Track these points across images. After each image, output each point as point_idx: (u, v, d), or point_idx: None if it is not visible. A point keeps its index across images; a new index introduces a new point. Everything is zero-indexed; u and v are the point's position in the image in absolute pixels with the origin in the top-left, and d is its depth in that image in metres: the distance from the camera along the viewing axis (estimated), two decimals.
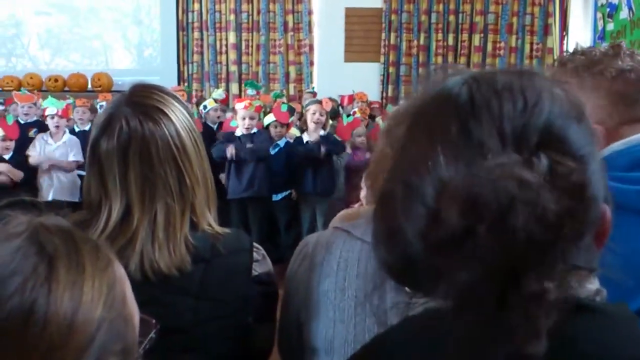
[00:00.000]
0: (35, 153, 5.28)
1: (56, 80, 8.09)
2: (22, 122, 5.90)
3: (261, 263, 1.32)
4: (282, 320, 1.32)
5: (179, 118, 1.22)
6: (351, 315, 1.12)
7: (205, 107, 6.49)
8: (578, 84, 1.29)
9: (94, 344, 0.62)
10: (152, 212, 1.17)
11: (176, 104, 1.25)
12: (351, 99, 7.35)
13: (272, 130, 5.46)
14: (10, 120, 5.16)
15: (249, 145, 5.02)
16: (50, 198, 5.29)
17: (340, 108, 7.26)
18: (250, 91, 7.23)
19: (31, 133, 5.65)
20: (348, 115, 6.04)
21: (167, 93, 1.27)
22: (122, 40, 9.04)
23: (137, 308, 0.73)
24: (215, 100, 6.63)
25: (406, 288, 0.67)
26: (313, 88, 8.05)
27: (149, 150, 1.17)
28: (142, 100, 1.23)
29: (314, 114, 5.29)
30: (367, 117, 6.47)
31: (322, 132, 5.29)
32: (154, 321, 0.78)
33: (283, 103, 5.77)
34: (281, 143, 5.43)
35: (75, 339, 0.61)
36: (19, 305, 0.60)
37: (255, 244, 1.32)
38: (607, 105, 1.28)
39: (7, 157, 5.04)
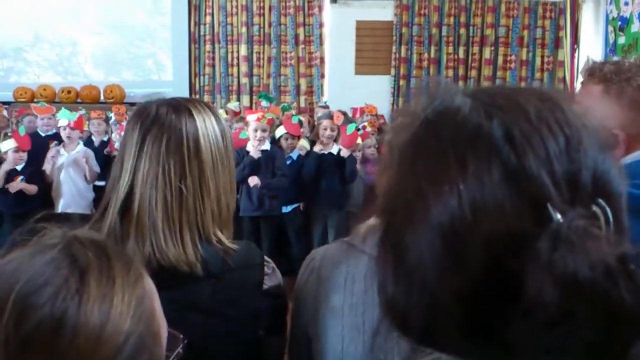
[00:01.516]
0: (49, 166, 5.31)
1: (69, 92, 8.16)
2: (42, 134, 5.97)
3: (271, 276, 1.31)
4: (291, 335, 1.32)
5: (206, 127, 1.23)
6: (360, 331, 1.11)
7: None
8: (604, 90, 1.32)
9: (121, 356, 0.63)
10: (152, 199, 1.17)
11: (210, 115, 1.26)
12: (362, 111, 7.35)
13: (283, 142, 5.46)
14: (22, 132, 5.20)
15: (270, 182, 5.01)
16: (62, 210, 5.28)
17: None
18: (264, 103, 7.25)
19: (52, 145, 5.69)
20: (357, 128, 6.05)
21: (207, 105, 1.30)
22: (134, 52, 9.11)
23: (165, 322, 0.74)
24: (227, 112, 6.65)
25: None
26: (325, 102, 8.07)
27: (162, 138, 1.19)
28: (179, 99, 1.28)
29: (325, 129, 5.33)
30: (376, 130, 6.48)
31: (335, 147, 5.30)
32: (181, 336, 0.79)
33: (293, 115, 5.79)
34: (294, 155, 5.44)
35: (102, 351, 0.62)
36: (50, 315, 0.61)
37: (265, 257, 1.32)
38: (630, 112, 1.30)
39: (19, 167, 5.07)
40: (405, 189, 0.58)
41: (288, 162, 5.37)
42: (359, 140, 5.50)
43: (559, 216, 0.50)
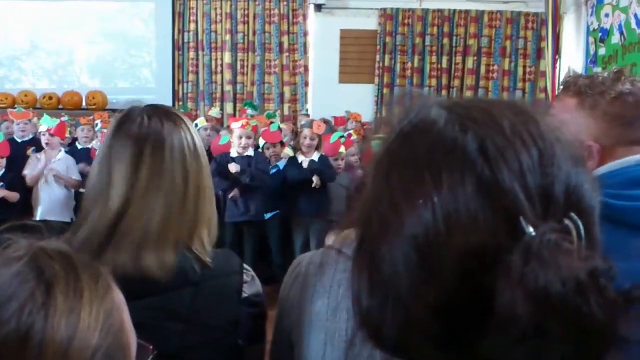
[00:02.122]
0: (29, 171, 5.25)
1: (50, 98, 8.09)
2: (19, 140, 5.89)
3: (250, 284, 1.30)
4: (274, 340, 1.31)
5: (194, 131, 1.27)
6: (342, 338, 1.10)
7: (196, 125, 6.50)
8: (578, 103, 1.34)
9: None
10: (152, 208, 1.17)
11: (188, 124, 1.29)
12: (343, 120, 7.38)
13: (266, 152, 5.47)
14: (0, 138, 5.13)
15: (251, 170, 4.99)
16: (42, 218, 5.22)
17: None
18: (250, 111, 7.24)
19: (29, 152, 5.63)
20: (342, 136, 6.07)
21: (181, 113, 1.31)
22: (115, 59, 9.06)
23: (135, 334, 0.73)
24: (207, 120, 6.64)
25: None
26: (307, 110, 8.08)
27: (163, 146, 1.19)
28: (163, 107, 1.28)
29: (305, 138, 5.35)
30: (362, 138, 6.51)
31: (316, 154, 5.30)
32: (151, 347, 0.77)
33: (272, 123, 5.78)
34: (280, 165, 5.44)
35: None
36: (16, 330, 0.60)
37: (245, 266, 1.31)
38: (603, 124, 1.32)
39: None
40: (381, 201, 0.58)
41: (274, 171, 5.36)
42: (342, 149, 5.51)
43: (531, 230, 0.50)
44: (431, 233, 0.53)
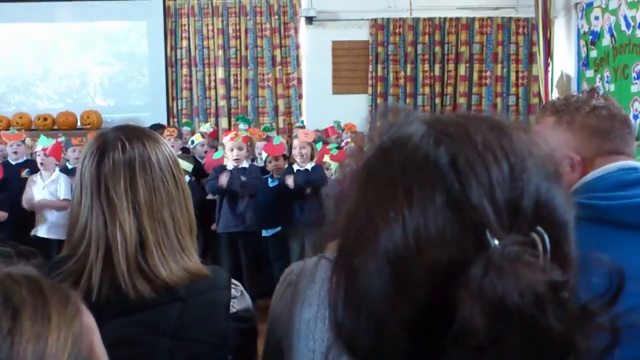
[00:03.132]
0: (25, 196, 5.26)
1: (45, 119, 8.09)
2: (13, 163, 5.87)
3: (239, 300, 1.31)
4: (265, 348, 1.31)
5: (166, 143, 1.33)
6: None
7: (192, 142, 6.52)
8: (556, 121, 1.44)
9: None
10: (160, 221, 1.22)
11: (164, 141, 1.34)
12: (334, 130, 7.39)
13: (268, 165, 5.45)
14: None
15: (243, 179, 5.00)
16: (46, 236, 5.25)
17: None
18: (242, 126, 7.26)
19: (24, 173, 5.61)
20: (339, 147, 6.08)
21: (154, 132, 1.36)
22: (110, 77, 9.08)
23: (106, 355, 0.72)
24: (203, 135, 6.65)
25: None
26: (302, 122, 8.09)
27: (150, 161, 1.24)
28: (134, 128, 1.34)
29: (295, 148, 5.34)
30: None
31: (310, 164, 5.29)
32: None
33: (275, 137, 5.78)
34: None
35: None
36: None
37: (233, 281, 1.32)
38: (581, 137, 1.42)
39: None
40: (358, 213, 0.58)
41: (275, 184, 5.35)
42: (327, 159, 5.50)
43: (496, 242, 0.50)
44: (401, 247, 0.53)
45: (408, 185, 0.55)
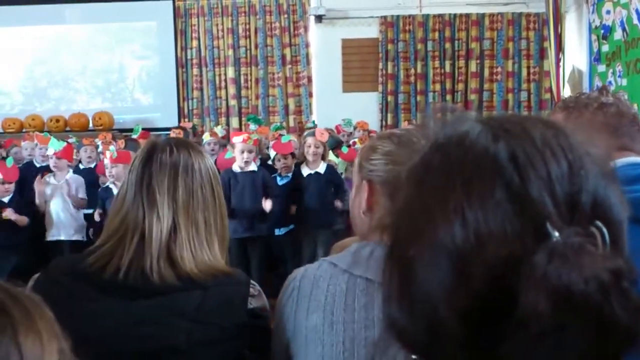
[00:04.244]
0: (40, 197, 5.31)
1: (57, 121, 8.15)
2: (37, 165, 5.97)
3: (257, 298, 1.36)
4: (273, 354, 1.32)
5: (209, 157, 1.49)
6: (340, 351, 1.11)
7: (202, 140, 6.55)
8: (565, 117, 1.47)
9: None
10: (194, 221, 1.34)
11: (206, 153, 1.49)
12: (339, 128, 7.40)
13: (277, 163, 5.44)
14: (10, 163, 5.16)
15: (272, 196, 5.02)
16: (55, 238, 5.30)
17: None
18: (252, 126, 7.27)
19: (47, 176, 5.66)
20: (348, 146, 6.07)
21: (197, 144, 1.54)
22: (121, 79, 9.13)
23: None
24: (211, 134, 6.67)
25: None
26: (313, 122, 8.08)
27: (193, 167, 1.38)
28: (182, 139, 1.55)
29: (309, 147, 5.31)
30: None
31: (322, 165, 5.28)
32: None
33: (284, 135, 5.77)
34: (291, 175, 5.42)
35: None
36: None
37: (252, 281, 1.39)
38: (588, 132, 1.38)
39: (6, 199, 5.03)
40: (413, 207, 0.60)
41: (284, 182, 5.35)
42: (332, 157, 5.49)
43: (556, 234, 0.51)
44: (460, 240, 0.54)
45: (467, 179, 0.55)
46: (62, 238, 5.31)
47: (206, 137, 6.58)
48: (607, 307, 0.48)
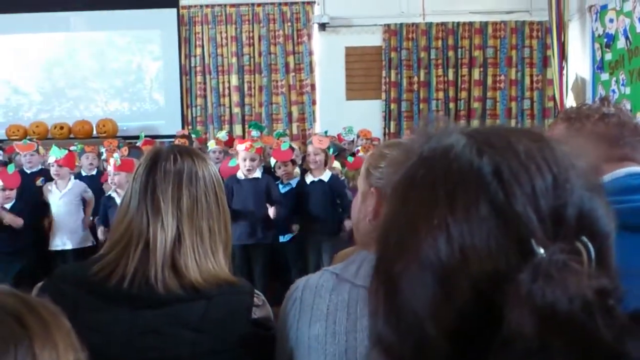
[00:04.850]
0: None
1: (61, 128, 8.18)
2: (27, 172, 5.93)
3: (261, 308, 1.36)
4: None
5: (215, 168, 1.46)
6: (343, 359, 1.11)
7: (207, 147, 6.57)
8: (566, 127, 1.48)
9: None
10: (198, 230, 1.34)
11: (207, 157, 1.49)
12: (340, 137, 7.39)
13: (278, 171, 5.43)
14: (11, 170, 5.16)
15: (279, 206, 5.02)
16: (61, 248, 5.30)
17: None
18: (254, 133, 7.28)
19: (38, 182, 5.67)
20: (353, 154, 6.07)
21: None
22: (127, 86, 9.15)
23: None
24: (217, 142, 6.68)
25: None
26: (326, 132, 8.05)
27: (197, 175, 1.37)
28: (186, 147, 1.52)
29: (309, 155, 5.32)
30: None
31: (327, 172, 5.27)
32: None
33: (284, 142, 5.78)
34: (293, 183, 5.41)
35: None
36: None
37: (256, 291, 1.39)
38: (589, 143, 1.44)
39: (8, 206, 5.03)
40: (398, 222, 0.59)
41: (287, 189, 5.35)
42: (337, 164, 5.49)
43: (541, 251, 0.51)
44: (445, 255, 0.54)
45: (451, 194, 0.55)
46: (67, 247, 5.31)
47: (211, 144, 6.59)
48: (591, 326, 0.48)
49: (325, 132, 7.42)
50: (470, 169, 0.55)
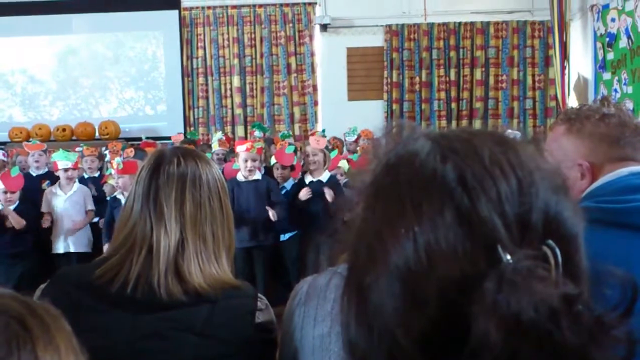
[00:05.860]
0: (46, 206, 5.31)
1: (64, 130, 8.20)
2: (33, 174, 5.95)
3: (264, 312, 1.36)
4: None
5: (218, 170, 1.45)
6: None
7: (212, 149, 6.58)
8: (567, 128, 1.49)
9: None
10: (201, 235, 1.32)
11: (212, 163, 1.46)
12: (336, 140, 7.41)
13: (275, 171, 5.41)
14: (14, 172, 5.16)
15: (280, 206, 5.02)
16: (64, 251, 5.30)
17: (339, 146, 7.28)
18: (257, 133, 7.29)
19: (44, 185, 5.66)
20: (353, 153, 6.08)
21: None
22: (128, 87, 9.17)
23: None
24: (220, 144, 6.68)
25: None
26: (323, 131, 8.08)
27: (201, 179, 1.35)
28: (189, 149, 1.47)
29: (307, 156, 5.28)
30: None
31: (326, 173, 5.26)
32: None
33: (289, 145, 5.77)
34: (287, 185, 5.40)
35: None
36: None
37: (259, 294, 1.38)
38: (590, 144, 1.46)
39: (11, 208, 5.02)
40: (367, 231, 0.59)
41: (282, 192, 5.35)
42: (343, 164, 5.46)
43: (508, 257, 0.50)
44: (413, 263, 0.53)
45: (417, 202, 0.55)
46: (73, 250, 5.31)
47: (215, 146, 6.58)
48: (557, 333, 0.47)
49: (323, 131, 7.44)
50: (434, 176, 0.55)
